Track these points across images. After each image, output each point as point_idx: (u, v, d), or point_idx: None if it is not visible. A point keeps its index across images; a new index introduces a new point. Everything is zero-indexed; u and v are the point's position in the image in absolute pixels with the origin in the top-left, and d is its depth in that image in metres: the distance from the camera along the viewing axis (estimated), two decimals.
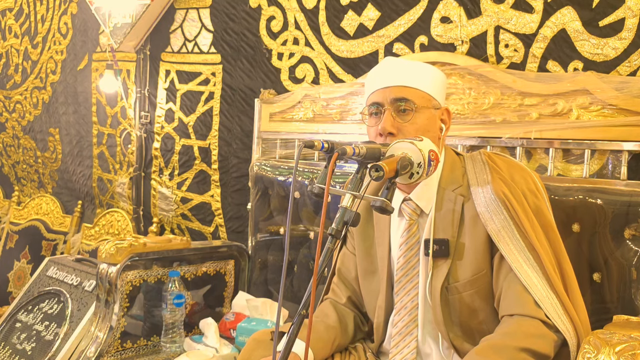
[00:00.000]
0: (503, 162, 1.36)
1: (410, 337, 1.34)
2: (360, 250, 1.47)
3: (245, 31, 2.52)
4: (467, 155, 1.40)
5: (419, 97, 1.32)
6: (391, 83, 1.32)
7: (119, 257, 1.94)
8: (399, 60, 1.36)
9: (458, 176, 1.35)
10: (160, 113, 2.94)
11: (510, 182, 1.29)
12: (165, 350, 2.00)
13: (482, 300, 1.29)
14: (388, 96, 1.32)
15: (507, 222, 1.24)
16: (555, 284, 1.22)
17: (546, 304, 1.19)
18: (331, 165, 1.05)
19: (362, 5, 2.11)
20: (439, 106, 1.36)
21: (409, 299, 1.35)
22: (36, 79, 3.90)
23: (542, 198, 1.32)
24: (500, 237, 1.24)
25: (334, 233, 1.07)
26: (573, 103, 1.57)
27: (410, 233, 1.36)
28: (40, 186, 4.04)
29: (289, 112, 2.29)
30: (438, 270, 1.30)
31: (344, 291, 1.51)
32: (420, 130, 1.30)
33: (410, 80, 1.32)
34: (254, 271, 2.35)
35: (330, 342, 1.37)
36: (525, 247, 1.24)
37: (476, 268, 1.28)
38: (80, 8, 3.45)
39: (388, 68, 1.35)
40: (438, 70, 1.38)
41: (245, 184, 2.51)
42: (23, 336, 2.22)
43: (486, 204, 1.27)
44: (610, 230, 1.46)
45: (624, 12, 1.54)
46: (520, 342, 1.15)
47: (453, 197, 1.32)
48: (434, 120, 1.34)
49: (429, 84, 1.34)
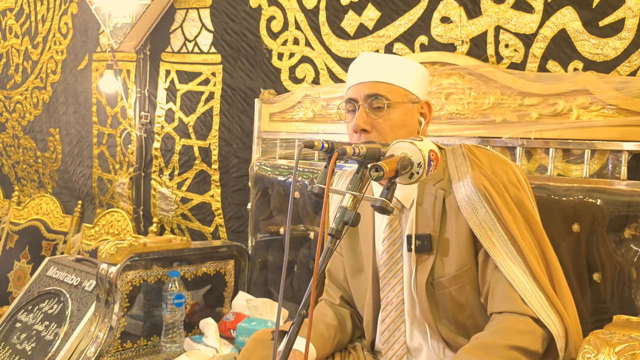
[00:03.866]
0: (483, 155, 1.34)
1: (399, 333, 1.34)
2: (347, 248, 1.46)
3: (246, 31, 2.52)
4: (448, 149, 1.38)
5: (393, 92, 1.30)
6: (365, 79, 1.31)
7: (119, 257, 1.94)
8: (375, 55, 1.35)
9: (439, 170, 1.33)
10: (161, 113, 2.94)
11: (490, 174, 1.28)
12: (165, 350, 2.00)
13: (469, 295, 1.28)
14: (362, 92, 1.31)
15: (488, 215, 1.24)
16: (538, 276, 1.21)
17: (531, 299, 1.19)
18: (331, 165, 1.05)
19: (362, 5, 2.11)
20: (417, 100, 1.34)
21: (394, 295, 1.34)
22: (36, 79, 3.90)
23: (523, 190, 1.31)
24: (482, 231, 1.23)
25: (334, 233, 1.07)
26: (573, 103, 1.57)
27: (392, 228, 1.35)
28: (40, 186, 4.04)
29: (289, 112, 2.29)
30: (422, 266, 1.29)
31: (336, 292, 1.52)
32: (395, 126, 1.29)
33: (384, 75, 1.31)
34: (254, 271, 2.35)
35: (331, 339, 1.38)
36: (507, 239, 1.23)
37: (460, 263, 1.27)
38: (81, 8, 3.45)
39: (363, 63, 1.33)
40: (416, 64, 1.36)
41: (245, 184, 2.51)
42: (23, 336, 2.22)
43: (467, 197, 1.26)
44: (610, 230, 1.46)
45: (624, 12, 1.54)
46: (510, 340, 1.14)
47: (434, 191, 1.31)
48: (411, 115, 1.33)
49: (405, 79, 1.32)
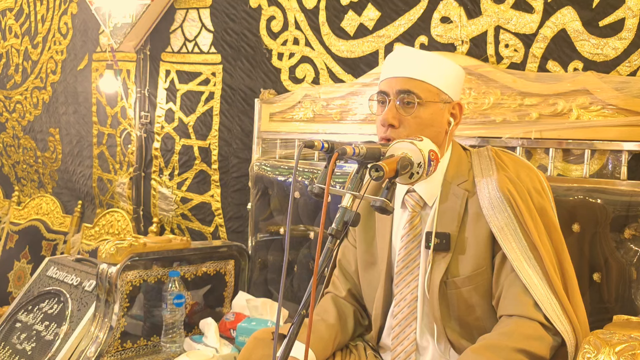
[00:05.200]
0: (510, 160, 1.35)
1: (410, 329, 1.34)
2: (361, 241, 1.46)
3: (246, 31, 2.52)
4: (474, 151, 1.39)
5: (425, 90, 1.29)
6: (399, 73, 1.30)
7: (119, 257, 1.94)
8: (412, 50, 1.33)
9: (464, 171, 1.34)
10: (160, 113, 2.94)
11: (516, 180, 1.29)
12: (165, 350, 2.00)
13: (480, 297, 1.29)
14: (394, 87, 1.30)
15: (510, 219, 1.24)
16: (555, 284, 1.21)
17: (546, 305, 1.19)
18: (331, 165, 1.05)
19: (362, 5, 2.11)
20: (449, 100, 1.33)
21: (408, 291, 1.34)
22: (36, 79, 3.90)
23: (547, 198, 1.31)
24: (503, 235, 1.24)
25: (334, 233, 1.07)
26: (573, 103, 1.57)
27: (412, 225, 1.35)
28: (40, 186, 4.04)
29: (289, 112, 2.29)
30: (438, 264, 1.30)
31: (344, 284, 1.51)
32: (422, 124, 1.28)
33: (418, 72, 1.29)
34: (254, 271, 2.35)
35: (332, 341, 1.37)
36: (527, 246, 1.23)
37: (476, 264, 1.28)
38: (80, 8, 3.45)
39: (400, 57, 1.32)
40: (452, 63, 1.34)
41: (245, 184, 2.51)
42: (23, 336, 2.22)
43: (490, 201, 1.26)
44: (610, 230, 1.46)
45: (624, 12, 1.54)
46: (517, 343, 1.14)
47: (457, 192, 1.31)
48: (441, 115, 1.32)
49: (439, 77, 1.30)
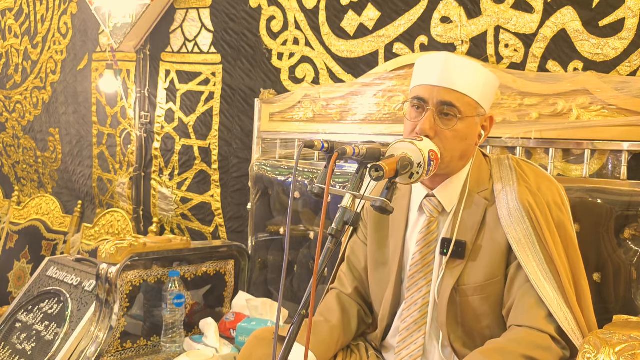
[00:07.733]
0: (531, 171, 1.34)
1: (419, 334, 1.33)
2: (373, 240, 1.45)
3: (245, 31, 2.52)
4: (494, 159, 1.38)
5: (466, 104, 1.25)
6: (442, 83, 1.25)
7: (119, 257, 1.94)
8: (456, 58, 1.28)
9: (484, 179, 1.33)
10: (160, 113, 2.94)
11: (536, 192, 1.28)
12: (165, 350, 2.00)
13: (490, 307, 1.28)
14: (435, 96, 1.25)
15: (528, 232, 1.24)
16: (570, 299, 1.21)
17: (561, 317, 1.19)
18: (331, 165, 1.05)
19: (362, 5, 2.11)
20: (483, 113, 1.30)
21: (420, 296, 1.34)
22: (36, 79, 3.90)
23: (566, 212, 1.31)
24: (520, 246, 1.23)
25: (334, 233, 1.07)
26: (573, 103, 1.57)
27: (429, 230, 1.35)
28: (40, 186, 4.04)
29: (289, 112, 2.29)
30: (451, 271, 1.29)
31: (351, 281, 1.50)
32: (458, 137, 1.26)
33: (461, 84, 1.25)
34: (254, 271, 2.35)
35: (334, 344, 1.37)
36: (544, 259, 1.23)
37: (490, 274, 1.27)
38: (80, 8, 3.45)
39: (443, 64, 1.26)
40: (490, 74, 1.30)
41: (245, 184, 2.51)
42: (23, 336, 2.22)
43: (509, 212, 1.25)
44: (610, 230, 1.46)
45: (624, 12, 1.54)
46: (526, 350, 1.14)
47: (479, 201, 1.30)
48: (475, 128, 1.29)
49: (478, 90, 1.26)
